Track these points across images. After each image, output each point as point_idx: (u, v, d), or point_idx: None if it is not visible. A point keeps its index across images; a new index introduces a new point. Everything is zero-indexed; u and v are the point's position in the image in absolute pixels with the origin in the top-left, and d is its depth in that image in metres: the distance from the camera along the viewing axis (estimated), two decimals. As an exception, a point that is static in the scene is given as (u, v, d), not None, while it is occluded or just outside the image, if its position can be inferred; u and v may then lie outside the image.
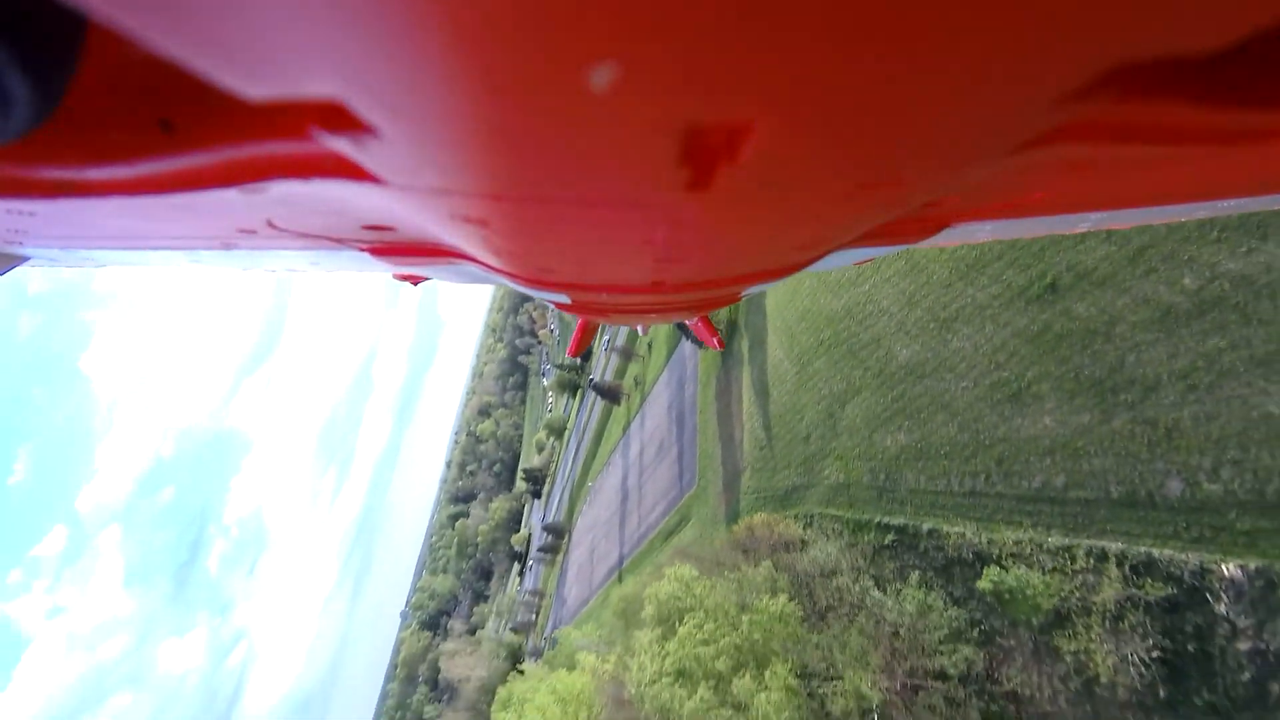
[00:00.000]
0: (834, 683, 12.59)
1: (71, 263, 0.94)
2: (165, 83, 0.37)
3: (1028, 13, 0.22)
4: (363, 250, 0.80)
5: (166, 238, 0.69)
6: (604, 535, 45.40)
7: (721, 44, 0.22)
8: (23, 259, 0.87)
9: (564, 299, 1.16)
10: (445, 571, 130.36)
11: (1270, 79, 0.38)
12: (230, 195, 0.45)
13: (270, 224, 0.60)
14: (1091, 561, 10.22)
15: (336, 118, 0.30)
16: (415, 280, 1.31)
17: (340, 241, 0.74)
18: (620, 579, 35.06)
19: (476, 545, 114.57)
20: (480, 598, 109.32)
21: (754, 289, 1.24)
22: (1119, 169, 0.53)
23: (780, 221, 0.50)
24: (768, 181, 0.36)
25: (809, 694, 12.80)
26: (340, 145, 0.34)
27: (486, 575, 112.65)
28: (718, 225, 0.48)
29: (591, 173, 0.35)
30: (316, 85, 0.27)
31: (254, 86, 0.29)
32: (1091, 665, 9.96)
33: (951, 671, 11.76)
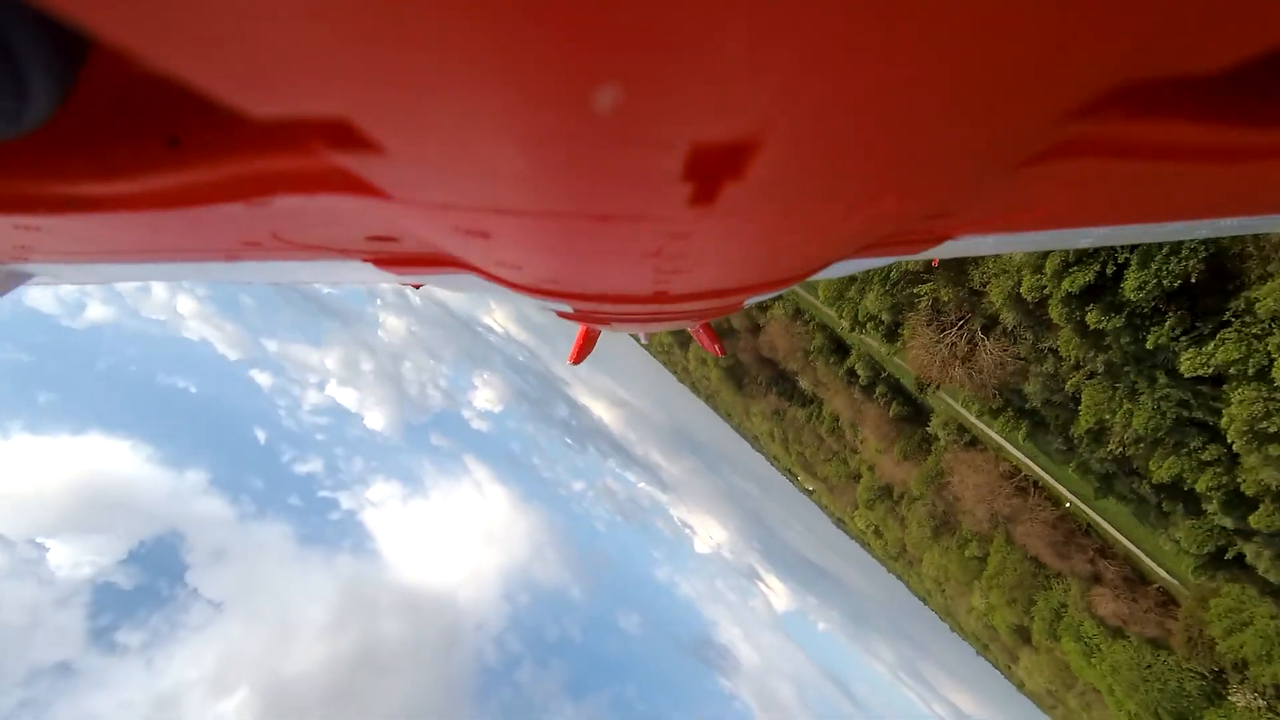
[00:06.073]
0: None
1: (75, 278, 0.95)
2: (174, 100, 0.37)
3: (1035, 33, 0.22)
4: (366, 260, 0.80)
5: (171, 251, 0.69)
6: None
7: (724, 64, 0.22)
8: (28, 276, 0.87)
9: (566, 308, 1.17)
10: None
11: (1272, 99, 0.38)
12: (236, 209, 0.45)
13: (275, 236, 0.60)
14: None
15: (343, 135, 0.31)
16: (416, 285, 1.31)
17: (344, 252, 0.74)
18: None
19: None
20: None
21: (757, 298, 1.24)
22: (1122, 185, 0.54)
23: (783, 235, 0.50)
24: (771, 197, 0.36)
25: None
26: (346, 162, 0.34)
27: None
28: (721, 239, 0.48)
29: (596, 189, 0.35)
30: (323, 104, 0.28)
31: (261, 105, 0.29)
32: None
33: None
